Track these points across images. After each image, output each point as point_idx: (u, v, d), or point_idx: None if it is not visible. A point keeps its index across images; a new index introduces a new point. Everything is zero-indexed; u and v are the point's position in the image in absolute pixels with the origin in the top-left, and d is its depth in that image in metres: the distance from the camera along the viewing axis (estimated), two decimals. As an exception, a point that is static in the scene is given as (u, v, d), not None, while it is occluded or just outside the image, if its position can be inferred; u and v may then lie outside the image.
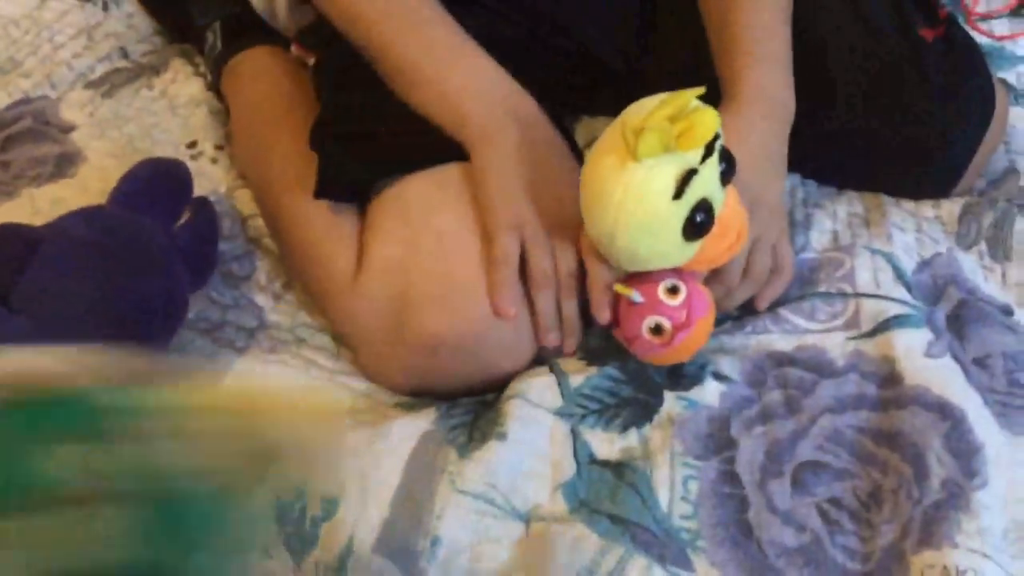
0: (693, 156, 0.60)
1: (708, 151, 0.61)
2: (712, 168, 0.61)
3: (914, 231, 0.81)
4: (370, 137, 0.77)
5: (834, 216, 0.83)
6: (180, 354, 0.76)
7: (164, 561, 0.39)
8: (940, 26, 0.85)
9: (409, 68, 0.77)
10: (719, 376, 0.70)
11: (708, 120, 0.59)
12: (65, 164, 0.91)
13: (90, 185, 0.89)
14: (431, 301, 0.70)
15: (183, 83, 1.01)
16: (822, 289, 0.76)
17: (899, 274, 0.76)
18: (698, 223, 0.61)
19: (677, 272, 0.67)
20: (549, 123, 0.77)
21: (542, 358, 0.73)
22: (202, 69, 1.02)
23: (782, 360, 0.71)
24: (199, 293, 0.80)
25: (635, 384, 0.70)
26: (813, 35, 0.80)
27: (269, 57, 0.93)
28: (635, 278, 0.67)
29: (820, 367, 0.70)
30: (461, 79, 0.75)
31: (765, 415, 0.68)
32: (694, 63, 0.80)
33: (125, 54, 1.04)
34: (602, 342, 0.73)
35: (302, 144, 0.78)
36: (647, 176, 0.60)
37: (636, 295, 0.66)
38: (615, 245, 0.63)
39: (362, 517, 0.64)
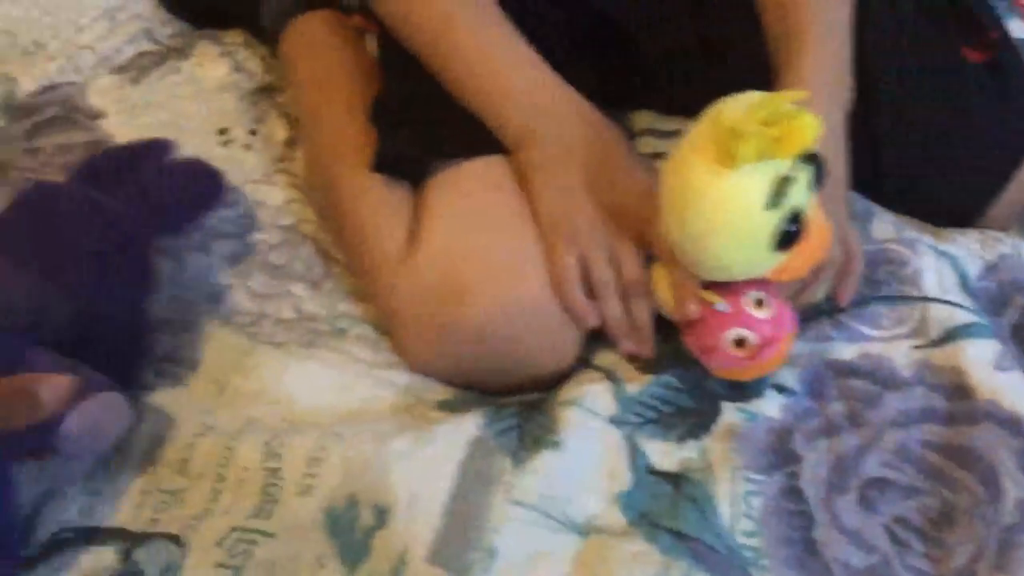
0: (784, 162, 0.57)
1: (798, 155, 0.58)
2: (806, 175, 0.58)
3: (977, 232, 0.78)
4: (432, 119, 0.76)
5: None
6: (217, 351, 0.74)
7: None
8: (988, 49, 0.81)
9: (460, 68, 0.75)
10: (779, 387, 0.68)
11: (808, 127, 0.55)
12: (94, 151, 0.88)
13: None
14: (481, 285, 0.69)
15: (210, 66, 0.98)
16: (884, 292, 0.73)
17: (964, 279, 0.74)
18: (790, 234, 0.58)
19: (761, 283, 0.63)
20: (606, 120, 0.74)
21: (587, 360, 0.71)
22: (230, 49, 0.99)
23: (844, 370, 0.69)
24: (237, 284, 0.78)
25: (693, 394, 0.68)
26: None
27: (333, 22, 0.91)
28: (716, 286, 0.64)
29: (885, 378, 0.68)
30: (506, 83, 0.74)
31: (828, 428, 0.66)
32: (749, 61, 0.77)
33: (151, 36, 1.01)
34: (658, 348, 0.70)
35: (359, 114, 0.77)
36: (742, 183, 0.57)
37: (722, 303, 0.63)
38: (702, 252, 0.60)
39: (413, 527, 0.61)
